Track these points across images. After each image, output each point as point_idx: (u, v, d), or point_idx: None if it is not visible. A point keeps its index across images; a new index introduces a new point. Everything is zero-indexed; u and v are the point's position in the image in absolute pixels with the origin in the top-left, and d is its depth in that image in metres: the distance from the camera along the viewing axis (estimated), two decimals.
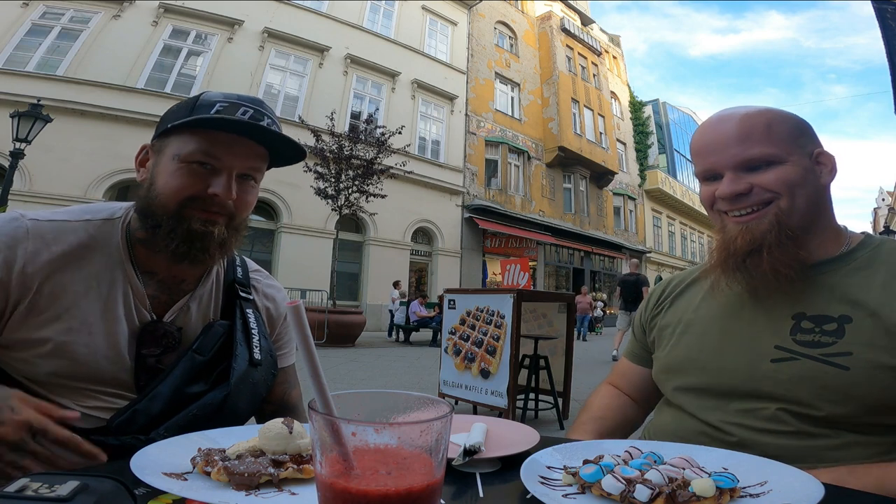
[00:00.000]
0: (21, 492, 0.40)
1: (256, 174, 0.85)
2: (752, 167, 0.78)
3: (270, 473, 0.55)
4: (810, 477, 0.55)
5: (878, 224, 35.41)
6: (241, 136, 0.81)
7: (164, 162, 0.81)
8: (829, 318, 0.75)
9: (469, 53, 17.39)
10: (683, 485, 0.53)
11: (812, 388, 0.72)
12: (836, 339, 0.73)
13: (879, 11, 7.70)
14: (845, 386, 0.70)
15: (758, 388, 0.77)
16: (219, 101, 0.80)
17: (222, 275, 0.93)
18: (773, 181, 0.77)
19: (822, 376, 0.72)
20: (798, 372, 0.74)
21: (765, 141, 0.78)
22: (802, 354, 0.74)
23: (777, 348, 0.77)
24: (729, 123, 0.81)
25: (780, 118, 0.81)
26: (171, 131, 0.80)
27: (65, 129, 9.49)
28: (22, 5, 10.33)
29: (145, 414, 0.77)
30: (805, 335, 0.75)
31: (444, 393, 4.10)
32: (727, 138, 0.80)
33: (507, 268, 4.66)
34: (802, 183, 0.78)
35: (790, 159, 0.78)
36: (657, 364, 0.94)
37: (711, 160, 0.82)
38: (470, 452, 0.64)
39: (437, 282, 15.01)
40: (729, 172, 0.80)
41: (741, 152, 0.78)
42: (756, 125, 0.79)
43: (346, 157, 10.01)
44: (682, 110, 29.96)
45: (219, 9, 12.21)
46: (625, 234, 23.29)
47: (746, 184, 0.78)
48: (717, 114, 0.85)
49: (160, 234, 0.80)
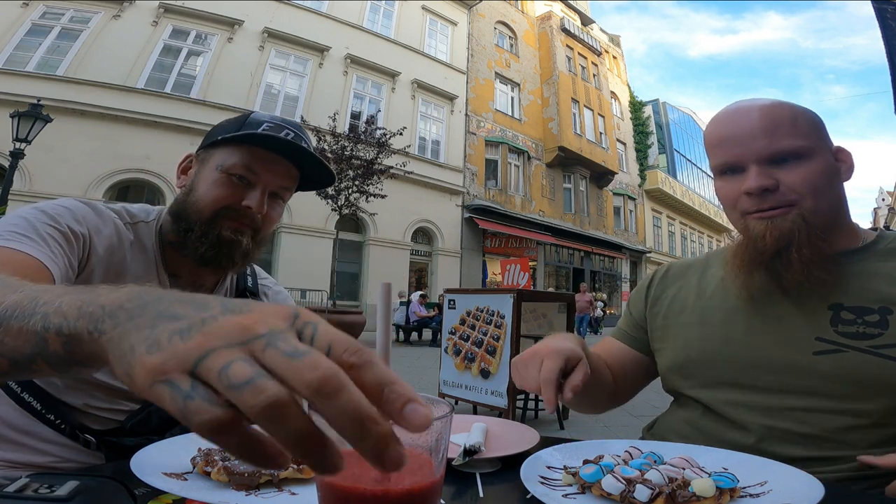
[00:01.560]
0: (21, 492, 0.40)
1: (286, 194, 0.89)
2: (780, 160, 0.76)
3: (270, 473, 0.55)
4: (810, 477, 0.55)
5: (878, 224, 35.43)
6: (280, 157, 0.85)
7: (206, 171, 0.85)
8: (870, 309, 0.73)
9: (469, 53, 17.39)
10: (683, 485, 0.53)
11: (861, 380, 0.71)
12: (882, 330, 0.71)
13: (879, 11, 7.70)
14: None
15: (799, 382, 0.75)
16: (266, 121, 0.85)
17: (235, 282, 0.97)
18: (799, 181, 0.75)
19: (873, 368, 0.70)
20: (846, 364, 0.72)
21: (793, 133, 0.76)
22: (850, 346, 0.72)
23: (819, 340, 0.74)
24: (751, 115, 0.78)
25: (801, 112, 0.79)
26: (219, 143, 0.85)
27: (65, 129, 9.49)
28: (22, 5, 10.33)
29: (160, 415, 0.79)
30: (848, 326, 0.73)
31: (444, 393, 4.10)
32: (751, 130, 0.77)
33: (507, 268, 4.68)
34: (827, 181, 0.77)
35: (816, 154, 0.77)
36: (668, 359, 0.90)
37: (735, 152, 0.78)
38: (470, 452, 0.64)
39: (437, 282, 15.01)
40: (754, 166, 0.77)
41: (769, 144, 0.76)
42: (781, 117, 0.77)
43: (347, 157, 10.02)
44: (682, 110, 29.96)
45: (219, 9, 12.21)
46: (625, 234, 23.28)
47: (774, 179, 0.76)
48: (733, 106, 0.82)
49: (191, 238, 0.83)
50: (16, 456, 0.74)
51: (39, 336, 0.35)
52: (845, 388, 0.71)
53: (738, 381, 0.80)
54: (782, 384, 0.76)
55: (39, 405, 0.74)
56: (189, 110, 11.18)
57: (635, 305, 1.00)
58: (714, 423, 0.81)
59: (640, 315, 0.98)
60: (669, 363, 0.90)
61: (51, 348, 0.35)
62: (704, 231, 31.03)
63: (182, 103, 11.40)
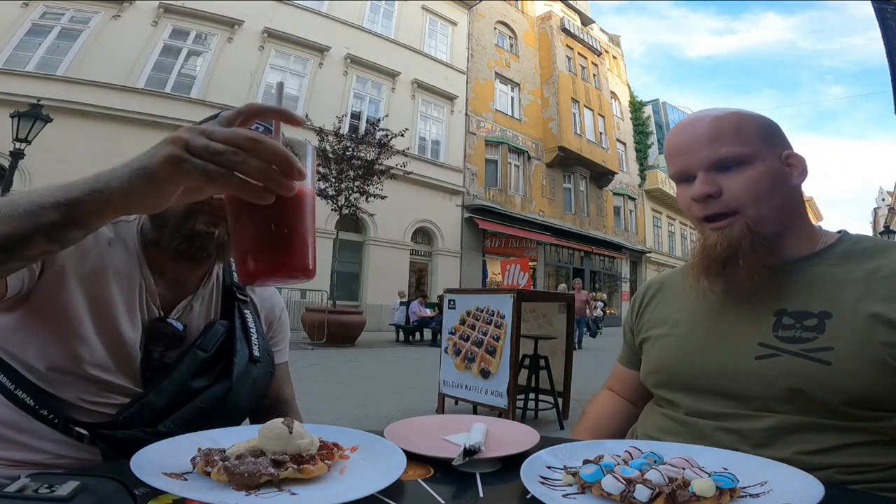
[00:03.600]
0: (21, 492, 0.40)
1: None
2: (722, 167, 0.79)
3: (270, 473, 0.55)
4: (810, 477, 0.56)
5: (878, 224, 35.41)
6: None
7: None
8: (810, 313, 0.76)
9: (469, 53, 17.40)
10: (683, 485, 0.53)
11: (795, 383, 0.73)
12: (817, 334, 0.74)
13: (879, 11, 7.70)
14: (828, 381, 0.71)
15: (744, 386, 0.77)
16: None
17: (222, 277, 0.97)
18: (739, 188, 0.78)
19: (805, 371, 0.73)
20: (781, 368, 0.75)
21: (734, 141, 0.79)
22: (784, 350, 0.75)
23: (761, 345, 0.78)
24: (700, 125, 0.82)
25: (749, 119, 0.82)
26: None
27: (65, 129, 9.50)
28: (22, 5, 10.33)
29: (151, 407, 0.80)
30: (786, 331, 0.76)
31: (444, 393, 4.10)
32: (699, 139, 0.81)
33: (507, 268, 4.68)
34: (770, 187, 0.79)
35: (759, 159, 0.79)
36: (644, 367, 0.96)
37: (684, 161, 0.83)
38: (470, 452, 0.64)
39: (437, 282, 15.02)
40: (701, 173, 0.81)
41: (712, 152, 0.80)
42: (726, 126, 0.80)
43: (348, 157, 10.03)
44: (682, 110, 29.97)
45: (219, 9, 12.22)
46: (625, 234, 23.29)
47: (716, 185, 0.80)
48: (691, 116, 0.87)
49: (166, 232, 0.83)
50: (10, 454, 0.74)
51: (35, 213, 0.49)
52: (795, 389, 0.73)
53: (696, 386, 0.83)
54: (730, 389, 0.79)
55: (32, 401, 0.75)
56: (189, 110, 11.16)
57: (627, 328, 1.06)
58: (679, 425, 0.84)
59: (631, 335, 1.04)
60: (644, 373, 0.96)
61: (48, 219, 0.49)
62: None
63: (182, 103, 11.41)
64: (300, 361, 6.84)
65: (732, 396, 0.79)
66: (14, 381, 0.75)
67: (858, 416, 0.71)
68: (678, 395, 0.86)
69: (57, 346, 0.76)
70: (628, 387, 1.04)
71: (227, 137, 0.46)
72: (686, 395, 0.84)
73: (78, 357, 0.76)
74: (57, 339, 0.76)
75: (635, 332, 1.02)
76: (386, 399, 4.74)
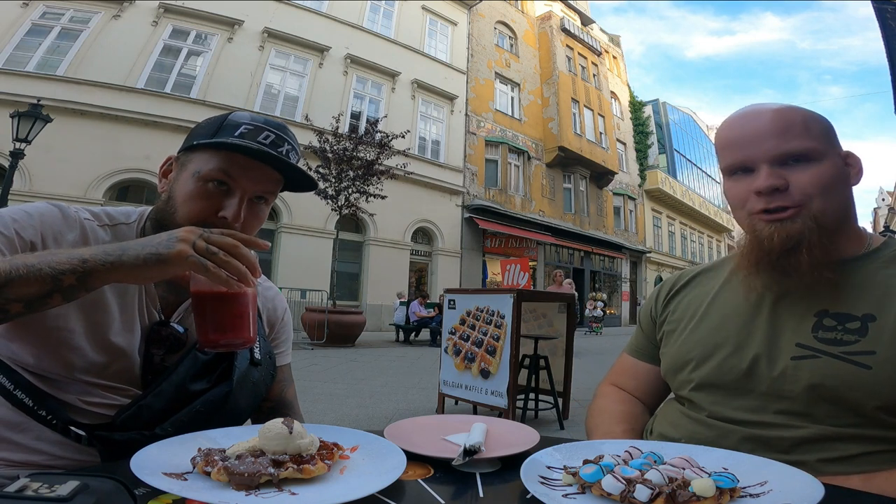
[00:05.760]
0: (21, 492, 0.40)
1: (269, 196, 0.88)
2: (790, 161, 0.77)
3: (270, 473, 0.55)
4: (810, 477, 0.56)
5: (878, 224, 35.42)
6: (259, 161, 0.83)
7: (184, 178, 0.83)
8: (853, 316, 0.74)
9: (469, 53, 17.39)
10: (683, 485, 0.53)
11: (832, 386, 0.72)
12: (859, 337, 0.72)
13: (879, 11, 7.69)
14: (867, 385, 0.70)
15: (777, 386, 0.76)
16: (244, 124, 0.83)
17: None
18: (809, 182, 0.76)
19: (842, 374, 0.71)
20: (818, 370, 0.73)
21: (804, 135, 0.77)
22: (823, 352, 0.73)
23: (798, 346, 0.76)
24: (762, 117, 0.80)
25: (813, 116, 0.80)
26: (196, 148, 0.83)
27: (65, 129, 9.49)
28: (22, 5, 10.33)
29: (149, 410, 0.79)
30: (827, 332, 0.74)
31: (444, 393, 4.10)
32: (763, 131, 0.79)
33: (507, 268, 4.67)
34: (835, 184, 0.78)
35: (826, 158, 0.78)
36: (667, 358, 0.92)
37: (745, 153, 0.80)
38: (470, 452, 0.64)
39: (437, 282, 15.01)
40: (765, 166, 0.78)
41: (779, 145, 0.77)
42: (793, 120, 0.78)
43: (348, 158, 10.01)
44: (682, 110, 29.95)
45: (219, 9, 12.21)
46: (625, 234, 23.28)
47: (784, 179, 0.77)
48: (745, 109, 0.84)
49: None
50: (9, 454, 0.74)
51: (55, 279, 0.63)
52: (831, 392, 0.72)
53: (725, 382, 0.81)
54: (768, 386, 0.77)
55: (31, 401, 0.74)
56: (189, 110, 11.16)
57: (646, 316, 1.02)
58: (705, 420, 0.82)
59: (651, 324, 0.99)
60: (666, 366, 0.92)
61: (66, 284, 0.63)
62: (704, 231, 31.04)
63: (182, 103, 11.40)
64: (300, 361, 6.84)
65: (761, 395, 0.77)
66: (13, 382, 0.75)
67: (888, 424, 0.70)
68: (700, 393, 0.83)
69: (48, 354, 0.75)
70: (640, 382, 0.99)
71: (219, 242, 0.66)
72: (710, 394, 0.82)
73: (70, 364, 0.76)
74: (47, 348, 0.75)
75: (657, 321, 0.98)
76: (386, 399, 4.74)
